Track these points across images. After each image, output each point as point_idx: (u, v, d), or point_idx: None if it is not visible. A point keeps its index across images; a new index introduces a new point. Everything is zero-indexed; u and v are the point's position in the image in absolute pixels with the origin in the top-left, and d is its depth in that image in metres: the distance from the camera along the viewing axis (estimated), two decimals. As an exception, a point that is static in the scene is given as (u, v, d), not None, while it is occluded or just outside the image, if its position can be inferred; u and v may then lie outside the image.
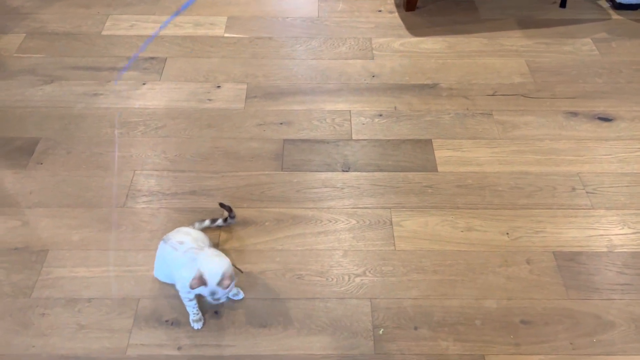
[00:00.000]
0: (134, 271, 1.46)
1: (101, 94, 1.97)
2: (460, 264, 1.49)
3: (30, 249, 1.50)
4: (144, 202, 1.63)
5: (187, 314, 1.36)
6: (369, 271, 1.47)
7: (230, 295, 1.38)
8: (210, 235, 1.53)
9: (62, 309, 1.38)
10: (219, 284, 1.21)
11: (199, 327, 1.34)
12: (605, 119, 1.90)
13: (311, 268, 1.47)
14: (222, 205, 1.51)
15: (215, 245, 1.51)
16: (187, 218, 1.58)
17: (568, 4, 2.42)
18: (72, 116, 1.88)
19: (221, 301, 1.28)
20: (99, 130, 1.83)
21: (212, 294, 1.24)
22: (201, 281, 1.21)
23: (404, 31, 2.28)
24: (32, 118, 1.87)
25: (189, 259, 1.27)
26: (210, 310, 1.38)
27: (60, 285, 1.42)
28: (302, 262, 1.48)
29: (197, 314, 1.34)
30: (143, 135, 1.82)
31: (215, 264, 1.23)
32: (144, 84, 2.01)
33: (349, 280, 1.45)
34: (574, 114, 1.92)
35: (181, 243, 1.31)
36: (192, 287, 1.20)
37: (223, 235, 1.54)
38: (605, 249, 1.52)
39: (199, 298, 1.34)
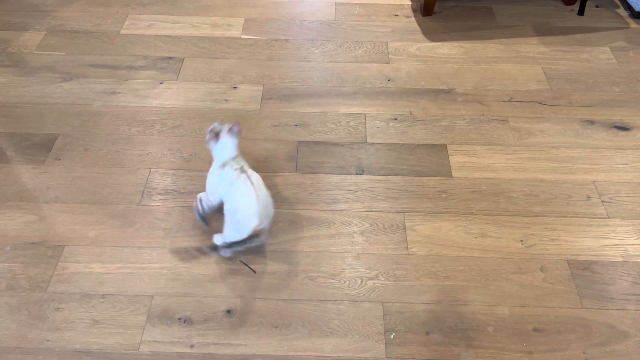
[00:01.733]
0: (148, 268, 1.47)
1: (119, 92, 1.99)
2: (473, 270, 1.48)
3: (47, 244, 1.52)
4: (159, 200, 1.64)
5: (200, 312, 1.37)
6: (382, 275, 1.47)
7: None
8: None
9: (76, 304, 1.39)
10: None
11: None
12: (622, 128, 1.89)
13: (324, 270, 1.48)
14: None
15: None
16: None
17: (586, 11, 2.41)
18: (90, 113, 1.90)
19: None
20: (116, 128, 1.85)
21: None
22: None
23: (420, 36, 2.28)
24: (51, 115, 1.90)
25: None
26: (223, 309, 1.39)
27: (75, 281, 1.44)
28: (314, 264, 1.49)
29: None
30: (159, 134, 1.84)
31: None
32: (161, 83, 2.03)
33: (361, 283, 1.45)
34: (591, 123, 1.91)
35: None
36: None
37: (237, 235, 1.55)
38: (620, 259, 1.51)
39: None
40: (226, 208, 1.43)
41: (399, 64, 2.15)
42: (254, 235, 1.35)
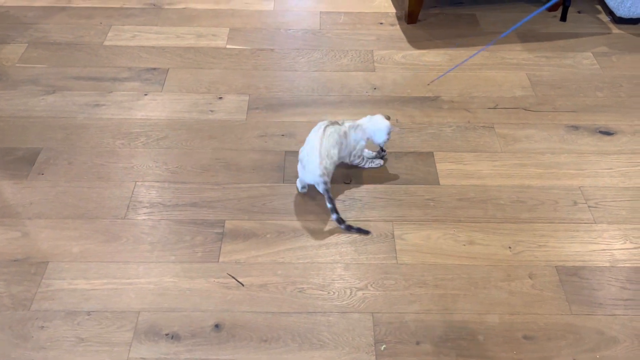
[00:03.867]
0: (135, 283, 1.45)
1: (103, 105, 1.97)
2: (462, 278, 1.48)
3: (30, 261, 1.49)
4: (144, 213, 1.62)
5: (187, 327, 1.35)
6: (371, 285, 1.46)
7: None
8: (211, 247, 1.53)
9: (61, 322, 1.36)
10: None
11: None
12: (607, 133, 1.91)
13: (312, 281, 1.47)
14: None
15: (216, 257, 1.51)
16: (188, 230, 1.57)
17: (568, 17, 2.44)
18: (74, 126, 1.88)
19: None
20: (100, 141, 1.83)
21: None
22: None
23: (405, 44, 2.29)
24: (34, 128, 1.87)
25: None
26: (211, 324, 1.37)
27: (59, 298, 1.41)
28: (303, 276, 1.48)
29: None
30: (144, 147, 1.82)
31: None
32: (145, 94, 2.01)
33: (350, 294, 1.44)
34: (575, 128, 1.93)
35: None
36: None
37: (225, 247, 1.53)
38: (607, 264, 1.52)
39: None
40: None
41: (385, 72, 2.15)
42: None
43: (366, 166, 1.76)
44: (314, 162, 1.57)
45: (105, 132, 1.86)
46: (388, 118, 1.71)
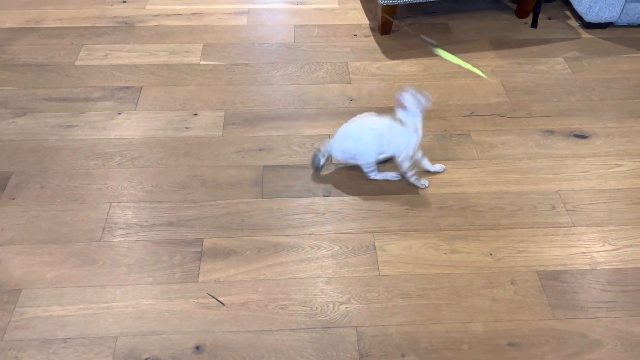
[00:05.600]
0: (112, 308, 1.41)
1: (76, 125, 1.93)
2: (445, 287, 1.47)
3: (3, 289, 1.44)
4: (120, 235, 1.58)
5: (167, 350, 1.32)
6: (354, 298, 1.44)
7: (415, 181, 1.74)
8: (189, 267, 1.50)
9: (36, 351, 1.32)
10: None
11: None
12: (581, 136, 1.93)
13: (295, 297, 1.44)
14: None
15: (195, 277, 1.48)
16: (166, 250, 1.54)
17: (539, 24, 2.47)
18: (46, 149, 1.84)
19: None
20: (73, 163, 1.79)
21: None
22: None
23: (379, 54, 2.30)
24: (4, 152, 1.82)
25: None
26: (192, 346, 1.34)
27: (34, 326, 1.37)
28: (285, 292, 1.45)
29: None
30: (119, 166, 1.79)
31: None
32: (119, 113, 1.98)
33: (333, 309, 1.42)
34: (550, 132, 1.94)
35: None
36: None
37: (204, 266, 1.51)
38: (588, 267, 1.52)
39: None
40: None
41: (360, 83, 2.16)
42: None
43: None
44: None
45: (79, 153, 1.83)
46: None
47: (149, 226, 1.61)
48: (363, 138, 1.68)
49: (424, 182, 1.74)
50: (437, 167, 1.79)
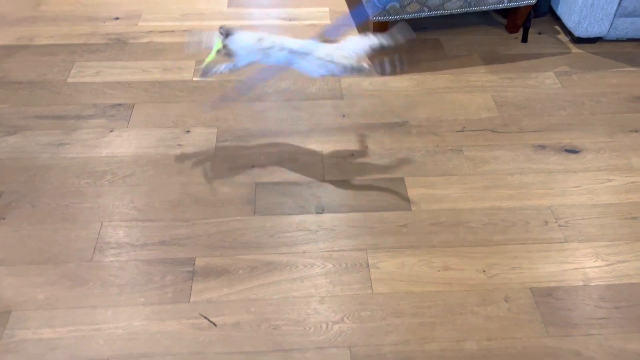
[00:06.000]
0: (103, 329, 1.40)
1: (67, 144, 1.92)
2: (438, 305, 1.47)
3: (-8, 311, 1.43)
4: (112, 255, 1.57)
5: (159, 374, 1.31)
6: (347, 317, 1.44)
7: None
8: (181, 287, 1.49)
9: (25, 375, 1.30)
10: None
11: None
12: (572, 151, 1.94)
13: (288, 317, 1.43)
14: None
15: (187, 297, 1.47)
16: (158, 270, 1.53)
17: (529, 39, 2.50)
18: (37, 167, 1.83)
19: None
20: (65, 181, 1.78)
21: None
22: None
23: (372, 70, 2.30)
24: (-6, 171, 1.81)
25: None
26: (184, 367, 1.33)
27: (23, 349, 1.35)
28: (278, 312, 1.44)
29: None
30: (111, 185, 1.78)
31: None
32: (111, 131, 1.98)
33: (327, 329, 1.41)
34: (542, 147, 1.95)
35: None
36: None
37: (196, 285, 1.50)
38: (581, 283, 1.52)
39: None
40: None
41: (353, 99, 2.16)
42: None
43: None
44: None
45: (70, 171, 1.82)
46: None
47: (140, 245, 1.60)
48: None
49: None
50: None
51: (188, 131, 1.99)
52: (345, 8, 2.68)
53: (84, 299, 1.46)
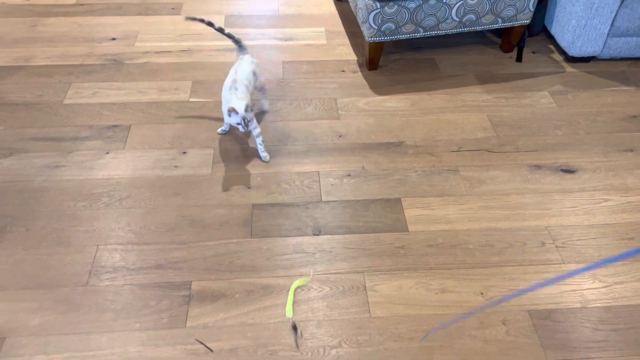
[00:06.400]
0: (98, 356, 1.38)
1: (63, 166, 1.92)
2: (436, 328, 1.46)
3: (-15, 338, 1.41)
4: (107, 279, 1.56)
5: (154, 402, 1.29)
6: (345, 342, 1.42)
7: (252, 129, 1.90)
8: (177, 312, 1.48)
9: (18, 404, 1.28)
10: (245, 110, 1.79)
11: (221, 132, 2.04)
12: (568, 171, 1.94)
13: (284, 342, 1.42)
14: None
15: (183, 322, 1.46)
16: (154, 294, 1.52)
17: (524, 58, 2.52)
18: (32, 190, 1.82)
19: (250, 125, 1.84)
20: (60, 204, 1.77)
21: (244, 118, 1.79)
22: (235, 111, 1.77)
23: (367, 90, 2.32)
24: (-10, 194, 1.81)
25: (226, 100, 1.86)
26: (179, 395, 1.31)
27: (17, 377, 1.34)
28: (274, 337, 1.43)
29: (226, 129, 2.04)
30: (107, 207, 1.77)
31: (240, 103, 1.81)
32: (107, 153, 1.98)
33: (324, 353, 1.40)
34: (538, 167, 1.96)
35: (234, 81, 1.87)
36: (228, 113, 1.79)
37: (192, 310, 1.48)
38: (579, 305, 1.52)
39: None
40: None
41: (349, 119, 2.17)
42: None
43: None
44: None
45: (66, 194, 1.81)
46: (249, 107, 1.81)
47: (136, 269, 1.59)
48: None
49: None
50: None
51: (184, 152, 1.99)
52: (341, 28, 2.70)
53: (78, 324, 1.45)
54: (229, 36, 1.98)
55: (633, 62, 2.50)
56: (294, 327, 1.42)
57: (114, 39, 2.59)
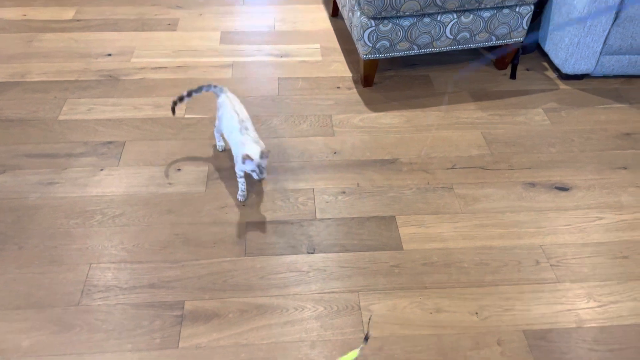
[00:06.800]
0: (89, 377, 1.37)
1: (57, 183, 1.91)
2: (431, 349, 1.45)
3: (-26, 359, 1.40)
4: (99, 298, 1.55)
5: None
6: (338, 363, 1.41)
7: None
8: (170, 332, 1.47)
9: None
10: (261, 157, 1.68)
11: (242, 200, 1.85)
12: (563, 189, 1.95)
13: (278, 363, 1.41)
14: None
15: (176, 343, 1.44)
16: (146, 314, 1.51)
17: (518, 75, 2.53)
18: (25, 207, 1.81)
19: (263, 176, 1.71)
20: (53, 222, 1.76)
21: (259, 166, 1.68)
22: (249, 158, 1.66)
23: (362, 107, 2.32)
24: (-18, 211, 1.80)
25: (241, 142, 1.75)
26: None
27: (6, 399, 1.32)
28: (268, 357, 1.42)
29: (244, 190, 1.85)
30: (100, 225, 1.76)
31: (255, 148, 1.71)
32: (101, 169, 1.97)
33: (317, 375, 1.39)
34: (532, 185, 1.96)
35: (242, 121, 1.79)
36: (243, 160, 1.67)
37: (185, 330, 1.47)
38: (574, 325, 1.51)
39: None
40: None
41: (344, 135, 2.17)
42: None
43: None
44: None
45: (59, 212, 1.80)
46: (264, 153, 1.71)
47: (129, 288, 1.58)
48: None
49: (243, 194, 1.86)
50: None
51: (179, 169, 1.99)
52: (336, 45, 2.72)
53: (70, 345, 1.43)
54: (201, 89, 1.88)
55: (626, 80, 2.52)
56: None
57: (110, 54, 2.59)
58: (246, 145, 1.72)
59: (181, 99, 1.88)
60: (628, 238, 1.77)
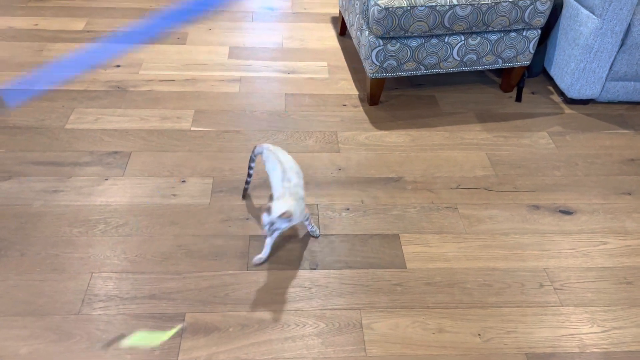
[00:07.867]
0: (86, 388, 1.35)
1: (61, 191, 1.91)
2: (432, 370, 1.44)
3: (-28, 365, 1.38)
4: (100, 308, 1.54)
5: None
6: (339, 381, 1.40)
7: (309, 229, 1.79)
8: (169, 344, 1.45)
9: None
10: (279, 217, 1.54)
11: (258, 263, 1.70)
12: (567, 212, 1.95)
13: (278, 379, 1.39)
14: None
15: (175, 355, 1.43)
16: (146, 325, 1.49)
17: (523, 98, 2.55)
18: (29, 214, 1.81)
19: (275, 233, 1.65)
20: (56, 230, 1.76)
21: (271, 223, 1.55)
22: (268, 211, 1.55)
23: (368, 125, 2.33)
24: (-14, 217, 1.79)
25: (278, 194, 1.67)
26: None
27: (2, 407, 1.30)
28: (268, 373, 1.41)
29: (263, 256, 1.70)
30: (103, 234, 1.76)
31: (281, 205, 1.57)
32: (106, 179, 1.97)
33: (317, 392, 1.37)
34: (536, 207, 1.96)
35: (285, 171, 1.70)
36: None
37: (184, 343, 1.46)
38: (577, 349, 1.50)
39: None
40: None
41: (349, 153, 2.18)
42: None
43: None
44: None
45: (62, 220, 1.80)
46: (286, 215, 1.55)
47: (130, 299, 1.57)
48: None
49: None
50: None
51: (184, 181, 1.99)
52: (343, 63, 2.74)
53: (68, 354, 1.42)
54: (253, 155, 1.83)
55: (631, 106, 2.53)
56: None
57: (118, 66, 2.61)
58: (277, 199, 1.62)
59: (249, 175, 1.88)
60: (632, 264, 1.76)
